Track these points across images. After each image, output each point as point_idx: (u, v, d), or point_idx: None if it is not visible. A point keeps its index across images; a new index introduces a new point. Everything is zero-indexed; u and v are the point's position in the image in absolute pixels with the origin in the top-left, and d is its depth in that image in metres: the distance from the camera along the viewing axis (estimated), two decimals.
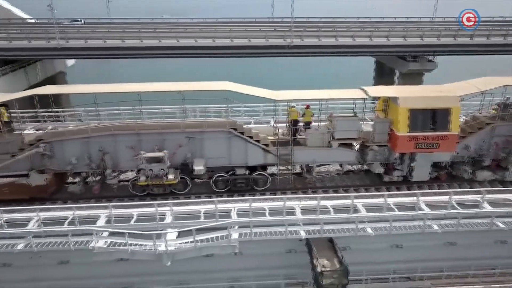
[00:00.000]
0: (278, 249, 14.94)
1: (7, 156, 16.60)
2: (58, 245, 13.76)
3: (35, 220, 14.23)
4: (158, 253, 13.46)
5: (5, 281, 15.32)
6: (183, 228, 14.02)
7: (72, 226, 13.87)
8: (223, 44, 39.50)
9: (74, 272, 15.31)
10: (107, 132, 16.88)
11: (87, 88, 17.44)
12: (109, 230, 13.91)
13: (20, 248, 13.66)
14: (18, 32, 42.26)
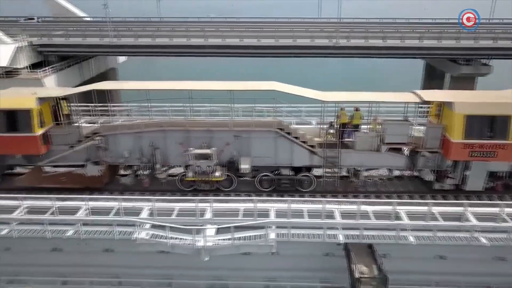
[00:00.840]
0: (315, 252, 14.83)
1: (66, 147, 17.51)
2: (104, 234, 14.43)
3: (84, 208, 15.00)
4: (196, 248, 13.78)
5: (56, 264, 16.30)
6: (222, 224, 14.26)
7: (117, 217, 14.50)
8: (268, 44, 39.60)
9: (117, 260, 16.01)
10: (159, 128, 17.38)
11: (141, 85, 18.02)
12: (152, 223, 14.42)
13: (70, 235, 14.47)
14: (75, 29, 44.63)
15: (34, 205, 15.18)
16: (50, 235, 14.39)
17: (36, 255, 16.11)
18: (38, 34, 41.75)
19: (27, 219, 14.68)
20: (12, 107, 16.66)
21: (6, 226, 14.55)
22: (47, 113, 17.53)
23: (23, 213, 14.75)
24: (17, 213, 14.78)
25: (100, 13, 47.77)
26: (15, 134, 16.72)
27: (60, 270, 16.47)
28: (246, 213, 14.63)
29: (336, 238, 14.01)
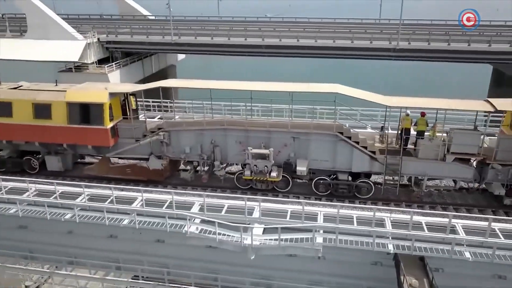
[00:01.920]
0: (362, 259, 14.50)
1: (132, 141, 18.37)
2: (156, 225, 15.08)
3: (139, 199, 15.76)
4: (243, 245, 14.00)
5: (112, 250, 17.30)
6: (269, 225, 14.37)
7: (170, 210, 15.08)
8: (325, 45, 39.14)
9: (168, 251, 16.68)
10: (220, 127, 17.67)
11: (205, 84, 18.37)
12: (201, 218, 14.85)
13: (125, 223, 15.29)
14: (139, 27, 46.86)
15: (95, 193, 16.20)
16: (108, 223, 15.28)
17: (94, 240, 17.20)
18: (105, 31, 44.31)
19: (88, 206, 15.68)
20: (86, 100, 17.73)
21: (70, 211, 15.66)
22: (117, 108, 18.46)
23: (85, 200, 15.77)
24: (80, 200, 15.84)
25: (163, 12, 49.77)
26: (88, 126, 17.80)
27: (114, 256, 17.46)
28: (293, 215, 14.61)
29: (385, 247, 13.59)
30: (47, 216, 15.71)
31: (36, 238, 17.91)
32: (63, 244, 17.72)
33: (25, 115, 18.09)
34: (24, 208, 15.99)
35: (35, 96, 18.12)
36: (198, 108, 19.96)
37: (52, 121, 17.93)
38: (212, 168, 18.33)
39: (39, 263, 18.70)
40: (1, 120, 18.36)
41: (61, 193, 15.99)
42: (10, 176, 17.72)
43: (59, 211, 15.83)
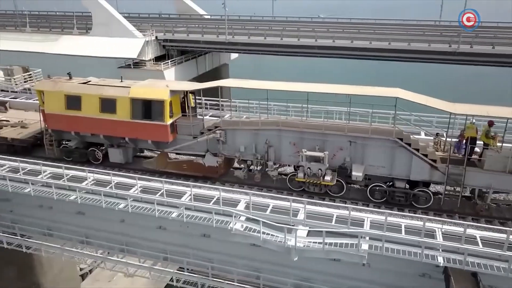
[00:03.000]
0: (409, 270, 14.05)
1: (189, 137, 18.93)
2: (203, 220, 15.50)
3: (188, 194, 16.27)
4: (287, 246, 14.03)
5: (160, 241, 18.02)
6: (314, 227, 14.30)
7: (216, 206, 15.45)
8: (380, 47, 38.05)
9: (213, 246, 17.10)
10: (274, 127, 17.65)
11: (262, 84, 18.36)
12: (247, 216, 15.06)
13: (174, 216, 15.84)
14: (195, 26, 48.15)
15: (147, 186, 16.92)
16: (158, 214, 15.92)
17: (144, 230, 17.99)
18: (163, 30, 45.96)
19: (140, 197, 16.43)
20: (149, 97, 18.47)
21: (124, 201, 16.48)
22: (177, 105, 19.05)
23: (137, 192, 16.53)
24: (133, 191, 16.63)
25: (219, 12, 50.78)
26: (149, 122, 18.57)
27: (162, 247, 18.16)
28: (339, 220, 14.42)
29: (435, 259, 13.04)
30: (102, 204, 16.64)
31: (92, 224, 19.05)
32: (115, 231, 18.72)
33: (92, 109, 19.14)
34: (83, 196, 17.04)
35: (101, 91, 19.13)
36: (254, 108, 20.11)
37: (116, 116, 18.86)
38: (265, 168, 18.36)
39: (93, 248, 19.82)
40: (71, 112, 19.55)
41: (116, 183, 16.85)
42: (75, 165, 18.87)
43: (113, 200, 16.70)
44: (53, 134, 20.76)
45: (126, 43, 43.23)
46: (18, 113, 25.29)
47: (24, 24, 50.36)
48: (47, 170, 18.15)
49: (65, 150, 20.73)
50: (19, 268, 28.75)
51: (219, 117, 20.01)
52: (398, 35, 39.59)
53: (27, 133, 21.70)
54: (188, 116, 19.29)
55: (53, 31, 48.38)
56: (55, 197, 17.28)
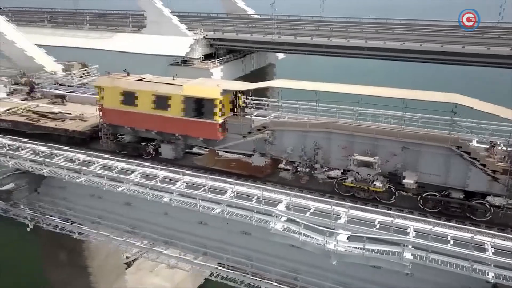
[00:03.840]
0: (455, 284, 13.52)
1: (238, 136, 19.07)
2: (244, 218, 15.68)
3: (230, 191, 16.51)
4: (327, 250, 13.91)
5: (201, 236, 18.45)
6: (355, 232, 14.06)
7: (257, 204, 15.56)
8: (433, 49, 36.57)
9: (252, 244, 17.27)
10: (324, 129, 17.36)
11: (313, 86, 18.05)
12: (287, 217, 15.06)
13: (216, 213, 16.14)
14: (243, 26, 48.69)
15: (192, 181, 17.35)
16: (200, 210, 16.30)
17: (187, 224, 18.50)
18: (212, 29, 46.86)
19: (184, 192, 16.88)
20: (201, 95, 18.82)
21: (168, 195, 17.02)
22: (227, 104, 19.24)
23: (182, 186, 17.00)
24: (178, 185, 17.12)
25: (267, 11, 50.97)
26: (200, 119, 18.92)
27: (203, 242, 18.58)
28: (382, 226, 14.07)
29: (484, 274, 12.41)
30: (148, 197, 17.28)
31: (138, 215, 19.84)
32: (160, 224, 19.38)
33: (147, 105, 19.79)
34: (131, 188, 17.77)
35: (156, 89, 19.75)
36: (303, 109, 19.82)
37: (169, 112, 19.36)
38: (313, 171, 18.07)
39: (138, 238, 20.62)
40: (127, 108, 20.32)
41: (162, 177, 17.43)
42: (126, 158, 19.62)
43: (159, 193, 17.28)
44: (109, 128, 21.60)
45: (176, 41, 44.48)
46: (75, 106, 26.76)
47: (83, 22, 53.17)
48: (99, 162, 19.09)
49: (119, 144, 21.54)
50: (70, 253, 30.51)
51: (268, 117, 20.02)
52: (453, 37, 37.90)
53: (85, 126, 22.81)
54: (238, 115, 19.47)
55: (109, 29, 50.72)
56: (105, 188, 18.15)
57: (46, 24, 54.79)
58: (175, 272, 36.22)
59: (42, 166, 19.59)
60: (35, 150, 20.18)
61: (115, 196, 19.00)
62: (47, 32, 52.53)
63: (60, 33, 52.16)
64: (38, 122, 23.43)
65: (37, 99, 28.46)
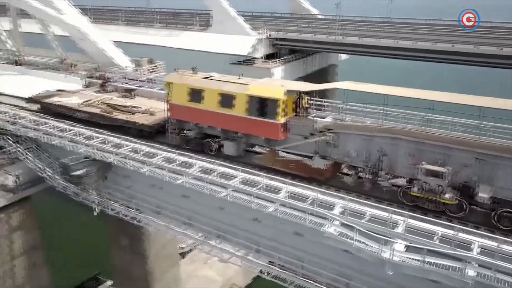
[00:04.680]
0: None
1: (300, 138, 18.96)
2: (297, 219, 15.64)
3: (284, 191, 16.55)
4: (382, 258, 13.48)
5: (254, 233, 18.68)
6: (413, 243, 13.47)
7: (311, 206, 15.44)
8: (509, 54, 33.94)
9: (305, 246, 17.19)
10: (390, 135, 16.63)
11: (380, 89, 17.48)
12: (342, 221, 14.79)
13: (269, 211, 16.26)
14: (306, 26, 48.41)
15: (247, 178, 17.62)
16: (255, 207, 16.52)
17: (241, 220, 18.82)
18: (275, 29, 47.10)
19: (240, 188, 17.19)
20: (264, 95, 18.99)
21: (225, 190, 17.43)
22: (290, 105, 19.18)
23: (238, 183, 17.33)
24: (234, 181, 17.47)
25: (332, 11, 50.28)
26: (262, 119, 19.07)
27: (255, 239, 18.80)
28: (442, 239, 13.34)
29: None
30: (205, 191, 17.82)
31: (195, 208, 20.54)
32: (215, 218, 19.91)
33: (212, 102, 20.30)
34: (189, 181, 18.43)
35: (221, 87, 20.24)
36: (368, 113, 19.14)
37: (233, 111, 19.75)
38: (376, 177, 17.37)
39: (194, 230, 21.33)
40: (193, 104, 20.99)
41: (220, 173, 17.88)
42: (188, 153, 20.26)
43: (216, 188, 17.75)
44: (176, 123, 22.40)
45: (240, 41, 45.30)
46: (142, 100, 28.26)
47: (153, 20, 55.89)
48: (161, 154, 20.00)
49: (184, 139, 22.29)
50: (130, 239, 32.34)
51: (331, 119, 19.73)
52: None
53: (153, 120, 23.92)
54: (300, 116, 19.35)
55: (177, 27, 52.87)
56: (165, 179, 18.99)
57: (120, 22, 58.33)
58: (227, 266, 37.01)
59: (110, 155, 20.93)
60: (105, 140, 21.59)
61: (174, 188, 19.80)
62: (121, 29, 55.95)
63: (133, 31, 55.34)
64: (111, 114, 25.02)
65: (109, 92, 30.44)
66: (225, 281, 39.64)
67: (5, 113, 25.74)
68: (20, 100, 30.55)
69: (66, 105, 26.75)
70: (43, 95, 29.10)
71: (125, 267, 34.42)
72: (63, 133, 22.87)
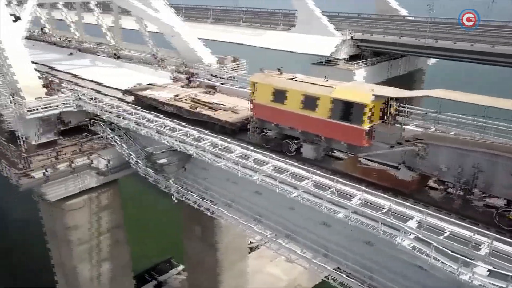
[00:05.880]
0: None
1: (385, 146, 18.01)
2: (369, 227, 15.15)
3: (357, 198, 16.09)
4: (460, 280, 12.55)
5: (323, 237, 18.49)
6: (499, 268, 12.33)
7: (385, 216, 14.83)
8: None
9: (375, 256, 16.62)
10: (489, 150, 15.15)
11: (484, 100, 15.95)
12: (417, 235, 14.01)
13: (340, 217, 15.95)
14: (394, 28, 46.40)
15: (320, 181, 17.44)
16: (325, 211, 16.32)
17: (310, 222, 18.74)
18: (360, 30, 45.84)
19: (311, 191, 17.09)
20: (351, 99, 18.28)
21: (296, 191, 17.45)
22: (377, 111, 18.34)
23: (310, 185, 17.24)
24: (305, 183, 17.40)
25: (423, 13, 47.57)
26: (346, 123, 18.42)
27: (324, 243, 18.59)
28: None
29: None
30: (277, 189, 17.99)
31: (266, 205, 20.86)
32: (284, 217, 20.05)
33: (295, 104, 20.17)
34: (262, 178, 18.74)
35: (306, 89, 20.02)
36: (464, 124, 17.86)
37: (316, 113, 19.39)
38: (468, 195, 15.93)
39: (263, 227, 21.69)
40: (276, 105, 21.08)
41: (292, 173, 17.95)
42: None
43: (288, 188, 17.84)
44: (257, 122, 22.70)
45: (323, 41, 44.90)
46: (224, 97, 29.30)
47: (239, 19, 57.54)
48: (238, 150, 20.60)
49: (264, 138, 22.58)
50: (203, 229, 33.83)
51: (421, 128, 18.64)
52: None
53: (236, 117, 24.51)
54: (387, 123, 18.42)
55: (261, 27, 53.89)
56: (240, 174, 19.52)
57: (208, 20, 60.97)
58: (293, 266, 37.03)
59: (190, 147, 22.04)
60: (187, 132, 22.79)
61: (247, 184, 20.29)
62: (209, 27, 58.46)
63: (219, 29, 57.56)
64: (197, 109, 26.22)
65: (193, 87, 32.03)
66: (291, 281, 39.76)
67: (102, 102, 28.30)
68: (115, 91, 33.44)
69: (157, 98, 28.57)
70: (138, 88, 31.43)
71: (196, 255, 36.10)
72: (150, 123, 24.57)
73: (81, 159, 26.84)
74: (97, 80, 36.99)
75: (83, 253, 28.39)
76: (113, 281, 30.25)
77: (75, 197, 27.19)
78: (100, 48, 52.10)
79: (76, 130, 30.01)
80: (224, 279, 35.79)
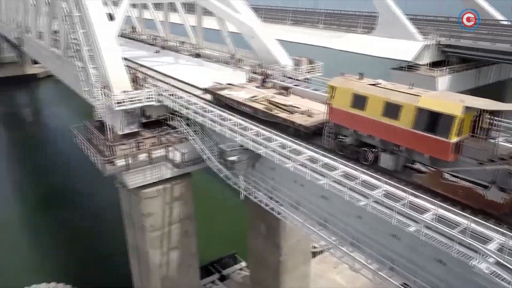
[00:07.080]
0: None
1: (474, 162, 16.56)
2: (442, 245, 14.24)
3: (431, 213, 15.19)
4: None
5: (390, 249, 17.75)
6: None
7: (461, 235, 13.85)
8: None
9: (446, 276, 15.65)
10: None
11: None
12: (497, 259, 12.89)
13: (411, 230, 15.20)
14: (486, 33, 42.89)
15: (391, 191, 16.73)
16: (395, 223, 15.64)
17: (377, 233, 18.10)
18: (447, 35, 43.05)
19: (381, 201, 16.47)
20: (438, 109, 17.07)
21: (365, 199, 16.93)
22: (467, 123, 17.01)
23: (380, 195, 16.63)
24: (376, 192, 16.80)
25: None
26: (431, 135, 17.27)
27: (390, 255, 17.85)
28: None
29: None
30: (345, 196, 17.61)
31: (332, 211, 20.54)
32: (351, 224, 19.59)
33: (376, 111, 19.35)
34: (330, 183, 18.47)
35: (389, 96, 19.08)
36: None
37: (397, 122, 18.44)
38: None
39: (328, 233, 21.36)
40: (355, 111, 20.41)
41: (362, 181, 17.45)
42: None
43: (356, 195, 17.39)
44: (333, 127, 22.11)
45: (404, 45, 42.97)
46: (297, 99, 29.33)
47: (318, 21, 57.10)
48: (306, 153, 20.51)
49: (339, 144, 21.92)
50: (268, 228, 34.19)
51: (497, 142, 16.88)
52: None
53: (311, 121, 24.26)
54: (478, 138, 16.99)
55: (340, 29, 52.96)
56: (307, 178, 19.43)
57: (287, 22, 61.31)
58: (357, 276, 35.94)
59: (260, 146, 22.41)
60: (258, 132, 23.19)
61: (314, 187, 20.12)
62: (287, 29, 58.78)
63: (298, 31, 57.62)
64: (273, 111, 26.46)
65: (267, 88, 32.47)
66: None
67: (181, 98, 29.82)
68: (194, 89, 35.03)
69: (235, 98, 29.38)
70: (217, 87, 32.54)
71: (259, 253, 36.59)
72: (224, 121, 25.39)
73: (159, 151, 28.57)
74: (178, 77, 39.02)
75: (155, 240, 30.20)
76: (179, 268, 31.80)
77: (151, 186, 29.01)
78: (182, 46, 54.90)
79: (156, 123, 31.89)
80: (286, 279, 35.87)
